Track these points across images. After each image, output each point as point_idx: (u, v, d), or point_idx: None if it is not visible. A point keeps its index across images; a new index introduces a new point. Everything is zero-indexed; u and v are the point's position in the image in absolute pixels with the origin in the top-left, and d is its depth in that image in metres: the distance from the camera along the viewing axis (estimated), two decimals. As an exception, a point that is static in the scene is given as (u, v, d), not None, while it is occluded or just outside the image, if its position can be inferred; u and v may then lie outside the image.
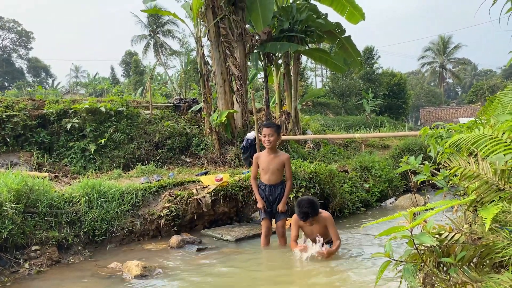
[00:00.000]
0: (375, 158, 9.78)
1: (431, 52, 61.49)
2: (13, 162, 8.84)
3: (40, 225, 4.99)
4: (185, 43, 37.69)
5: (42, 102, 10.51)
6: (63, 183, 7.64)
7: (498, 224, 2.03)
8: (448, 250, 2.07)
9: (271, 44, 10.71)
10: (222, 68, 10.43)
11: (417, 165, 2.61)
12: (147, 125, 10.73)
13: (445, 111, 42.31)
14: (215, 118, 10.00)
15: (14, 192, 4.86)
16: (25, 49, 60.01)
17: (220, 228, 6.40)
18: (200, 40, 10.48)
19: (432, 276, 2.05)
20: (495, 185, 2.08)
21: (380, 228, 4.63)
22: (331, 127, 19.98)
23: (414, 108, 50.87)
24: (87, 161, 9.52)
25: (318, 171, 7.49)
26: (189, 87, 24.87)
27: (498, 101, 3.07)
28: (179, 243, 5.49)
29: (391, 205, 8.51)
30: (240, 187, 6.81)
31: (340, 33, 11.90)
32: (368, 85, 31.71)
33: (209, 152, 10.29)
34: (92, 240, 5.44)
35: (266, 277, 4.22)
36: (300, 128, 12.22)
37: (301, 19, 10.96)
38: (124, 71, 54.51)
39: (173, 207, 6.16)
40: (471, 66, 75.41)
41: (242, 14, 10.69)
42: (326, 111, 30.99)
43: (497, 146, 2.19)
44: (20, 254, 4.66)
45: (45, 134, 9.72)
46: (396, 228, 1.87)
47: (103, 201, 5.66)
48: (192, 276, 4.35)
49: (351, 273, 4.11)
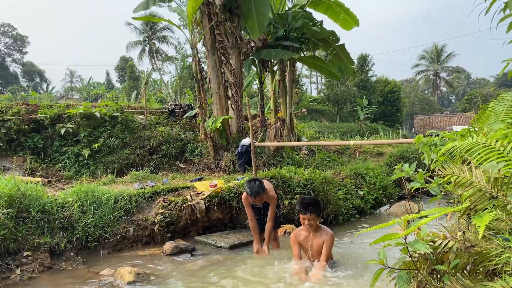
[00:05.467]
0: (369, 165, 9.81)
1: (425, 60, 61.98)
2: (5, 167, 8.76)
3: (32, 230, 4.94)
4: (181, 49, 37.75)
5: (36, 106, 10.46)
6: (56, 188, 7.58)
7: (492, 231, 2.04)
8: (441, 258, 2.08)
9: (266, 51, 10.75)
10: (217, 74, 10.44)
11: (411, 173, 2.62)
12: (141, 131, 10.70)
13: (439, 119, 42.58)
14: (210, 124, 10.00)
15: (6, 197, 4.82)
16: (19, 53, 59.74)
17: (214, 234, 6.37)
18: (196, 46, 10.49)
19: (426, 283, 2.05)
20: (488, 192, 2.09)
21: (374, 235, 4.63)
22: (326, 134, 20.03)
23: (408, 115, 51.16)
24: (80, 166, 9.47)
25: (313, 178, 7.49)
26: (184, 93, 24.88)
27: (491, 109, 3.09)
28: (173, 249, 5.46)
29: (385, 212, 8.52)
30: (234, 193, 6.79)
31: (334, 41, 11.98)
32: (362, 93, 31.87)
33: (203, 158, 10.27)
34: (85, 246, 5.40)
35: (260, 284, 4.20)
36: (295, 134, 12.25)
37: (296, 26, 11.02)
38: (119, 76, 54.39)
39: (167, 213, 6.13)
40: (464, 75, 76.00)
41: (238, 20, 10.74)
42: (320, 118, 31.05)
43: (490, 154, 2.20)
44: (11, 259, 4.61)
45: (39, 139, 9.66)
46: (390, 235, 1.87)
47: (97, 207, 5.62)
48: (185, 282, 4.32)
49: (346, 280, 4.10)
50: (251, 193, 4.90)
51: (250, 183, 5.01)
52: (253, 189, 4.89)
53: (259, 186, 4.92)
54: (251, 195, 4.90)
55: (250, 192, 4.91)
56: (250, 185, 4.96)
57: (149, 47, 46.43)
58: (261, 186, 4.94)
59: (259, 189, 4.90)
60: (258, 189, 4.89)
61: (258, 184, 4.96)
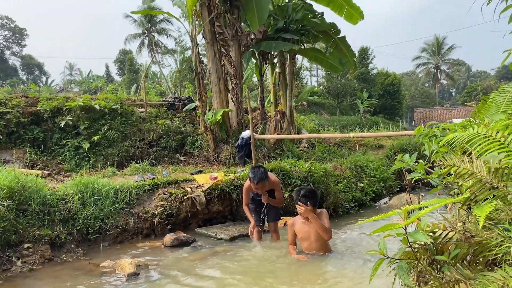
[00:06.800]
0: (369, 158, 9.81)
1: (426, 53, 61.77)
2: (5, 160, 8.76)
3: (33, 222, 4.95)
4: (181, 41, 37.60)
5: (35, 99, 10.43)
6: (57, 180, 7.59)
7: (492, 222, 2.04)
8: (441, 248, 2.08)
9: (266, 43, 10.70)
10: (217, 67, 10.40)
11: (412, 163, 2.61)
12: (141, 123, 10.69)
13: (439, 112, 42.57)
14: (210, 116, 9.98)
15: (6, 189, 4.82)
16: (18, 46, 59.51)
17: (215, 226, 6.39)
18: (195, 38, 10.44)
19: (426, 273, 2.05)
20: (489, 183, 2.09)
21: (374, 227, 4.65)
22: (326, 127, 20.01)
23: (408, 108, 51.07)
24: (80, 159, 9.47)
25: (313, 171, 7.50)
26: (184, 85, 24.81)
27: (492, 100, 3.08)
28: (173, 241, 5.47)
29: (385, 204, 8.54)
30: (234, 186, 6.80)
31: (335, 33, 11.89)
32: (363, 86, 31.78)
33: (203, 150, 10.27)
34: (85, 238, 5.41)
35: (260, 275, 4.22)
36: (295, 127, 12.22)
37: (296, 18, 10.95)
38: (119, 69, 54.23)
39: (167, 205, 6.15)
40: (465, 68, 75.82)
41: (238, 12, 10.68)
42: (321, 111, 30.98)
43: (491, 145, 2.20)
44: (12, 252, 4.62)
45: (39, 132, 9.65)
46: (390, 225, 1.87)
47: (97, 199, 5.63)
48: (185, 274, 4.33)
49: (346, 270, 4.12)
50: (254, 178, 4.86)
51: (254, 169, 5.00)
52: (257, 174, 4.87)
53: (262, 173, 4.91)
54: (254, 181, 4.87)
55: (253, 177, 4.88)
56: (254, 171, 4.94)
57: (148, 39, 46.25)
58: (265, 173, 4.93)
59: (263, 175, 4.89)
60: (262, 175, 4.88)
61: (262, 170, 4.95)
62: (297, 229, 4.65)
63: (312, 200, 4.40)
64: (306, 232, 4.56)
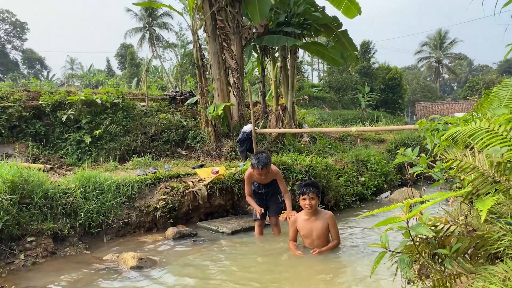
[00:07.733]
0: (370, 152, 9.81)
1: (427, 47, 61.51)
2: (8, 154, 8.78)
3: (36, 216, 4.97)
4: (182, 35, 37.48)
5: (37, 93, 10.43)
6: (59, 174, 7.61)
7: (494, 215, 2.05)
8: (443, 242, 2.09)
9: (268, 37, 10.66)
10: (218, 61, 10.38)
11: (414, 157, 2.61)
12: (143, 118, 10.69)
13: (440, 106, 42.44)
14: (211, 111, 9.98)
15: (9, 183, 4.83)
16: (19, 40, 59.42)
17: (216, 220, 6.41)
18: (197, 32, 10.41)
19: (427, 267, 2.06)
20: (491, 177, 2.09)
21: (376, 220, 4.66)
22: (327, 121, 19.98)
23: (410, 103, 50.91)
24: (82, 153, 9.49)
25: (314, 165, 7.50)
26: (185, 80, 24.78)
27: (495, 94, 3.07)
28: (175, 235, 5.50)
29: (386, 198, 8.55)
30: (236, 180, 6.81)
31: (337, 27, 11.85)
32: (364, 80, 31.69)
33: (205, 145, 10.28)
34: (88, 231, 5.43)
35: (262, 269, 4.24)
36: (296, 121, 12.22)
37: (298, 12, 10.91)
38: (120, 63, 54.14)
39: (169, 199, 6.16)
40: (467, 62, 75.48)
41: (239, 6, 10.63)
42: (322, 105, 30.92)
43: (493, 139, 2.20)
44: (15, 245, 4.65)
45: (40, 126, 9.66)
46: (392, 219, 1.88)
47: (99, 193, 5.65)
48: (187, 267, 4.36)
49: (347, 264, 4.14)
50: (258, 163, 4.82)
51: (257, 155, 4.97)
52: (261, 159, 4.84)
53: (266, 157, 4.89)
54: (258, 166, 4.84)
55: (257, 163, 4.84)
56: (258, 156, 4.91)
57: (149, 33, 46.10)
58: (269, 158, 4.91)
59: (267, 160, 4.87)
60: (266, 160, 4.86)
61: (265, 155, 4.93)
62: (299, 226, 4.64)
63: (315, 189, 4.43)
64: (308, 229, 4.56)
